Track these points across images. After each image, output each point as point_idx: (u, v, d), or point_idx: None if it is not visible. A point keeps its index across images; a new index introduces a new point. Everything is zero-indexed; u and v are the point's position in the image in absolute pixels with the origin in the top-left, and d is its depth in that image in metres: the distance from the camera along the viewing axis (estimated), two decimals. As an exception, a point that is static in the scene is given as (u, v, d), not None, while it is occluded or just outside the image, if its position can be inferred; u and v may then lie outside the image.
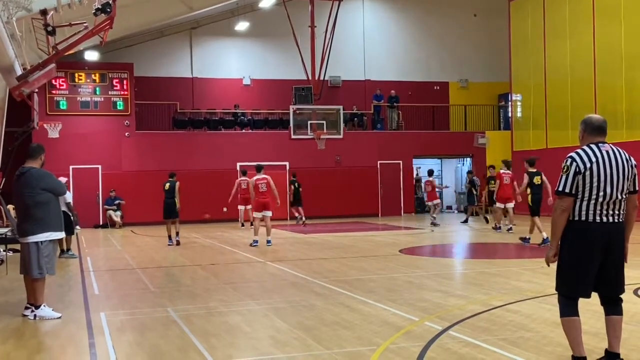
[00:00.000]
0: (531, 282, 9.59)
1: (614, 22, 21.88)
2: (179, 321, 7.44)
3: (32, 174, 7.92)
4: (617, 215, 5.02)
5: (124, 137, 25.48)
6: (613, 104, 21.76)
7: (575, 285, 5.04)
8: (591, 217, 4.97)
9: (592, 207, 4.96)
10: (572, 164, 4.99)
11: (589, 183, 4.94)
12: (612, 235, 4.99)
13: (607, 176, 4.94)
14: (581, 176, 4.96)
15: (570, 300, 5.06)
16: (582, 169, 4.95)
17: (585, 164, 4.95)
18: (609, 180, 4.94)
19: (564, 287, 5.09)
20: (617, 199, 4.99)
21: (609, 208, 4.98)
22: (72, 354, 6.35)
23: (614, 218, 5.01)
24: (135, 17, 17.31)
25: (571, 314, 5.03)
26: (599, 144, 5.05)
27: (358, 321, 7.19)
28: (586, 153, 5.00)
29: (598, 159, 4.96)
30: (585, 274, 4.99)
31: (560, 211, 5.02)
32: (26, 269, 7.93)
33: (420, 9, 30.81)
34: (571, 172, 4.97)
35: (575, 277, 5.02)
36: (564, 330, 5.12)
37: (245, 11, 28.34)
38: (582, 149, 5.06)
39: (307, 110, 26.45)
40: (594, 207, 4.95)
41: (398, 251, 14.32)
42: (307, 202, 26.56)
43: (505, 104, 30.68)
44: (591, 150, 5.01)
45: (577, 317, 5.02)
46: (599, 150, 5.01)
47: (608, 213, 4.98)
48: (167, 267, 12.69)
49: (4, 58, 10.32)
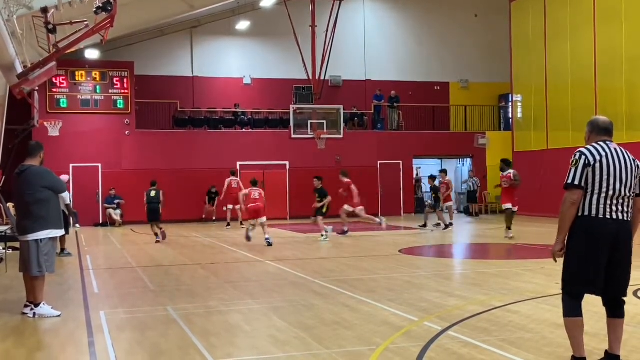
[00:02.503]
0: (531, 283, 9.59)
1: (615, 24, 21.87)
2: (178, 320, 7.43)
3: (32, 172, 7.91)
4: (625, 212, 4.99)
5: (124, 135, 25.47)
6: (613, 105, 21.75)
7: (581, 282, 4.98)
8: (600, 212, 4.92)
9: (601, 202, 4.92)
10: (581, 157, 4.98)
11: (599, 176, 4.92)
12: (619, 233, 4.95)
13: (615, 171, 4.94)
14: (591, 169, 4.94)
15: (574, 300, 5.01)
16: (592, 161, 4.94)
17: (594, 156, 4.95)
18: (618, 175, 4.93)
19: (570, 285, 5.04)
20: (626, 196, 4.97)
21: (617, 204, 4.95)
22: (71, 353, 6.35)
23: (622, 215, 4.97)
24: (136, 16, 17.29)
25: (574, 314, 4.99)
26: (607, 142, 5.08)
27: (358, 321, 7.19)
28: (595, 148, 5.02)
29: (607, 153, 4.98)
30: (591, 271, 4.93)
31: (569, 204, 4.96)
32: (26, 267, 7.92)
33: (421, 8, 30.80)
34: (580, 165, 4.95)
35: (581, 274, 4.96)
36: (566, 330, 5.09)
37: (246, 10, 28.35)
38: (590, 145, 5.07)
39: (308, 109, 26.44)
40: (604, 203, 4.92)
41: (398, 251, 14.32)
42: (307, 202, 26.56)
43: (506, 105, 30.69)
44: (600, 147, 5.03)
45: (580, 318, 4.99)
46: (607, 146, 5.03)
47: (617, 209, 4.95)
48: (167, 266, 12.69)
49: (5, 56, 10.31)
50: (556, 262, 5.24)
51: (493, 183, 29.01)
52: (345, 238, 17.83)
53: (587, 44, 23.04)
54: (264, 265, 12.39)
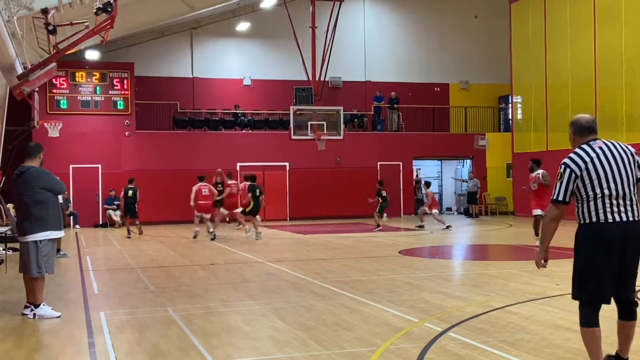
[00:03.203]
0: (531, 284, 9.59)
1: (615, 25, 21.88)
2: (178, 321, 7.43)
3: (31, 173, 7.92)
4: (630, 212, 4.76)
5: (124, 136, 25.48)
6: (613, 106, 21.76)
7: (589, 293, 4.78)
8: (602, 216, 4.72)
9: (600, 206, 4.72)
10: (565, 170, 4.81)
11: (589, 182, 4.74)
12: (627, 234, 4.73)
13: (606, 172, 4.73)
14: (579, 179, 4.77)
15: (590, 309, 4.78)
16: (578, 172, 4.77)
17: (579, 166, 4.78)
18: (610, 175, 4.73)
19: (582, 295, 4.83)
20: (626, 193, 4.75)
21: (619, 205, 4.72)
22: (71, 353, 6.35)
23: (628, 215, 4.74)
24: (137, 17, 17.29)
25: (591, 324, 4.76)
26: (591, 142, 4.87)
27: (358, 322, 7.19)
28: (579, 155, 4.83)
29: (592, 158, 4.77)
30: (602, 279, 4.73)
31: (549, 219, 4.93)
32: (25, 267, 7.92)
33: (421, 10, 30.82)
34: (565, 179, 4.81)
35: (589, 284, 4.76)
36: (583, 341, 4.87)
37: (246, 11, 28.38)
38: (574, 152, 4.88)
39: (308, 111, 26.44)
40: (603, 205, 4.72)
41: (398, 252, 14.32)
42: (307, 202, 26.59)
43: (506, 106, 30.70)
44: (583, 152, 4.83)
45: (596, 328, 4.76)
46: (592, 149, 4.82)
47: (620, 210, 4.73)
48: (167, 267, 12.69)
49: (5, 57, 10.31)
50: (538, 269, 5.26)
51: (493, 184, 29.11)
52: (345, 239, 17.88)
53: (587, 45, 23.05)
54: (264, 266, 12.39)
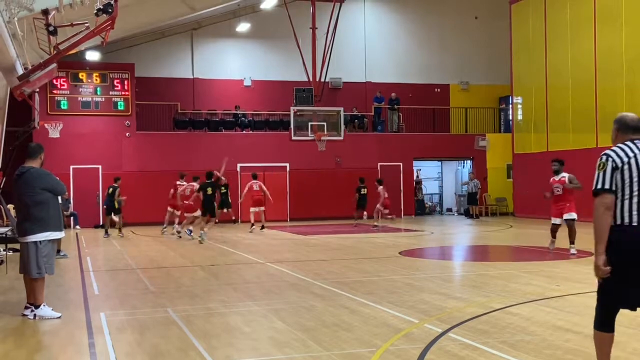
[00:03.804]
0: (531, 285, 9.59)
1: (615, 26, 21.88)
2: (178, 321, 7.44)
3: (32, 174, 7.92)
4: None
5: (125, 137, 25.48)
6: (614, 107, 21.72)
7: (614, 298, 4.60)
8: (635, 219, 4.50)
9: (634, 208, 4.50)
10: (607, 159, 4.57)
11: (629, 179, 4.53)
12: None
13: None
14: (619, 172, 4.54)
15: (607, 313, 4.64)
16: (620, 163, 4.54)
17: (622, 158, 4.55)
18: None
19: (605, 297, 4.64)
20: None
21: None
22: (71, 354, 6.35)
23: None
24: (137, 18, 17.31)
25: (605, 329, 4.63)
26: (635, 141, 4.67)
27: (358, 323, 7.19)
28: (622, 149, 4.62)
29: (636, 154, 4.57)
30: (626, 287, 4.53)
31: (603, 209, 4.51)
32: (25, 268, 7.93)
33: (421, 11, 30.82)
34: (608, 167, 4.55)
35: (615, 289, 4.56)
36: (594, 342, 4.74)
37: (247, 12, 28.38)
38: (617, 146, 4.67)
39: (308, 111, 26.46)
40: (637, 208, 4.50)
41: (398, 253, 14.32)
42: (307, 203, 26.59)
43: (506, 107, 30.69)
44: (627, 147, 4.63)
45: (610, 334, 4.64)
46: (635, 146, 4.63)
47: None
48: (167, 268, 12.69)
49: (6, 57, 10.32)
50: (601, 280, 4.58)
51: (493, 185, 29.10)
52: (345, 239, 17.89)
53: (588, 46, 23.05)
54: (264, 267, 12.40)
